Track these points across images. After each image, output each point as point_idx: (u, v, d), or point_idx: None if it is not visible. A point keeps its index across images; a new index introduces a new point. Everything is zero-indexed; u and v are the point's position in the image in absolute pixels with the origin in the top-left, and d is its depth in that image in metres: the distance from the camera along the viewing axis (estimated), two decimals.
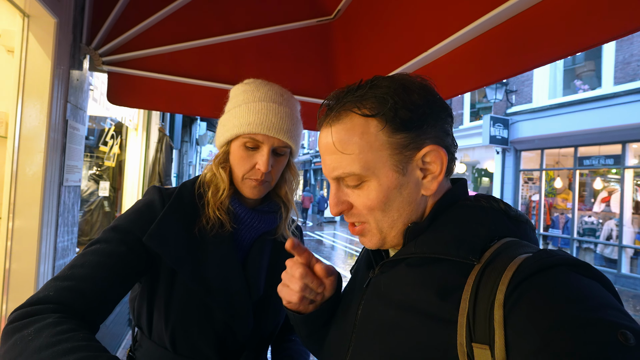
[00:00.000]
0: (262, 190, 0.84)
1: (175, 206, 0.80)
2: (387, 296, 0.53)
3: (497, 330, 0.39)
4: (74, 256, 1.66)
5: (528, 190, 9.42)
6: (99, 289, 0.66)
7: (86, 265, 0.66)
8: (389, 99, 0.51)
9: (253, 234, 0.87)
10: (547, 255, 0.42)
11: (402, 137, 0.51)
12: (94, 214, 3.55)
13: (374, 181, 0.52)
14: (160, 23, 1.60)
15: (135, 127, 3.94)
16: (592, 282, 0.39)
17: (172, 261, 0.75)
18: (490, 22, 0.95)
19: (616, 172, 7.69)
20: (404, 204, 0.53)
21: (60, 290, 0.62)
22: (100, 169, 3.59)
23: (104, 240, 0.72)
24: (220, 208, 0.81)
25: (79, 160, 1.62)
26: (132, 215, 0.77)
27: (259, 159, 0.79)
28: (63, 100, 1.45)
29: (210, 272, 0.78)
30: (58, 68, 1.38)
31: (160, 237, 0.74)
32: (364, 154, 0.52)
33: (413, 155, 0.52)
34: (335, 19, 1.83)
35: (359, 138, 0.52)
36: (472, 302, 0.43)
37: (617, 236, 7.40)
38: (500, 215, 0.52)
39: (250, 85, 0.84)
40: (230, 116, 0.82)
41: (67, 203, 1.55)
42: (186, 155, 8.75)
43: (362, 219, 0.56)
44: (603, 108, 7.27)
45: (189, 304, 0.76)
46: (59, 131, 1.43)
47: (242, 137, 0.79)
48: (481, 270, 0.45)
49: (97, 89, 2.72)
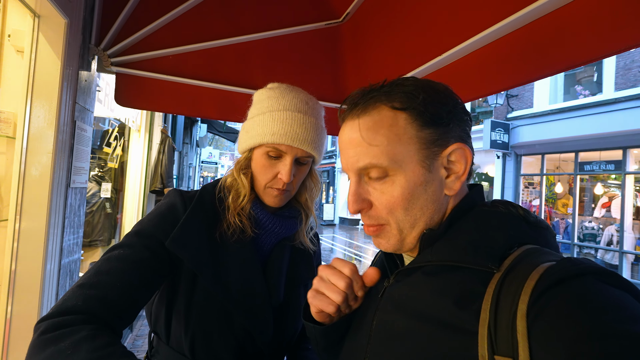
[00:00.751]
0: (284, 199, 0.83)
1: (197, 210, 0.79)
2: (403, 306, 0.51)
3: (520, 342, 0.38)
4: (79, 256, 1.65)
5: (528, 195, 9.43)
6: (126, 297, 0.65)
7: (112, 273, 0.66)
8: (419, 94, 0.51)
9: (273, 239, 0.86)
10: (571, 264, 0.40)
11: (430, 132, 0.51)
12: (95, 215, 3.54)
13: (400, 175, 0.51)
14: (169, 25, 1.59)
15: (138, 129, 3.93)
16: (622, 293, 0.37)
17: (194, 265, 0.74)
18: (503, 29, 0.95)
19: (616, 178, 7.71)
20: (427, 202, 0.52)
21: (89, 300, 0.61)
22: (102, 171, 3.57)
23: (128, 245, 0.71)
24: (241, 214, 0.80)
25: (85, 162, 1.61)
26: (155, 219, 0.76)
27: (282, 169, 0.79)
28: (71, 101, 1.44)
29: (231, 276, 0.77)
30: (67, 69, 1.38)
31: (183, 241, 0.73)
32: (392, 146, 0.50)
33: (439, 152, 0.51)
34: (343, 22, 1.83)
35: (388, 130, 0.51)
36: (492, 312, 0.41)
37: (617, 242, 7.41)
38: (519, 222, 0.50)
39: (275, 92, 0.83)
40: (254, 123, 0.81)
41: (74, 205, 1.54)
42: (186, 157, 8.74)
43: (380, 221, 0.54)
44: (604, 114, 7.30)
45: (209, 309, 0.75)
46: (67, 132, 1.42)
47: (266, 146, 0.79)
48: (501, 279, 0.43)
49: (102, 90, 2.72)
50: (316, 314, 0.60)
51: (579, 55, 0.78)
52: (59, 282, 1.45)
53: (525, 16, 0.89)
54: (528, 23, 0.92)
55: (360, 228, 16.66)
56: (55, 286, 1.42)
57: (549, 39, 0.87)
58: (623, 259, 7.24)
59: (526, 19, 0.90)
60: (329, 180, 20.39)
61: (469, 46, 1.08)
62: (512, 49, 0.97)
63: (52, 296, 1.41)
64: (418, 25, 1.32)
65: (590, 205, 8.32)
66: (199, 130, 10.35)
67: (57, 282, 1.43)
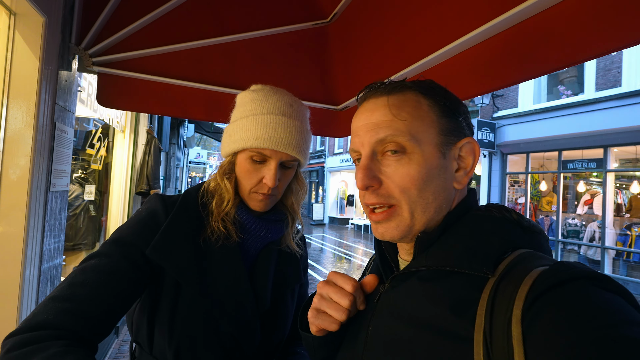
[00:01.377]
0: (269, 203, 0.82)
1: (180, 216, 0.77)
2: (399, 312, 0.51)
3: (516, 348, 0.38)
4: (60, 261, 1.60)
5: (514, 193, 9.61)
6: (102, 310, 0.62)
7: (87, 284, 0.63)
8: (438, 87, 0.55)
9: (260, 244, 0.85)
10: (565, 268, 0.40)
11: (448, 121, 0.54)
12: (79, 218, 3.44)
13: (418, 154, 0.51)
14: (153, 24, 1.56)
15: (122, 129, 3.85)
16: (615, 297, 0.38)
17: (178, 274, 0.72)
18: (489, 31, 0.96)
19: (598, 176, 7.92)
20: (440, 188, 0.52)
21: (62, 314, 0.59)
22: (85, 172, 3.48)
23: (105, 254, 0.68)
24: (226, 219, 0.79)
25: (66, 165, 1.56)
26: (135, 227, 0.74)
27: (267, 174, 0.77)
28: (51, 102, 1.39)
29: (217, 283, 0.75)
30: (46, 68, 1.33)
31: (165, 249, 0.71)
32: (416, 123, 0.52)
33: (454, 142, 0.54)
34: (331, 22, 1.82)
35: (413, 109, 0.53)
36: (488, 317, 0.41)
37: (599, 238, 7.62)
38: (514, 226, 0.50)
39: (259, 94, 0.81)
40: (237, 127, 0.79)
41: (54, 209, 1.49)
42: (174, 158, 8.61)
43: (390, 201, 0.52)
44: (585, 113, 7.49)
45: (194, 318, 0.73)
46: (46, 134, 1.37)
47: (249, 150, 0.77)
48: (496, 284, 0.43)
49: (84, 90, 2.64)
50: (317, 331, 0.58)
51: (564, 57, 0.79)
52: (39, 288, 1.40)
53: (512, 18, 0.89)
54: (514, 25, 0.92)
55: (350, 227, 16.71)
56: (35, 293, 1.37)
57: (535, 41, 0.88)
58: (605, 254, 7.45)
59: (512, 20, 0.91)
60: (318, 179, 20.39)
61: (456, 47, 1.08)
62: (498, 50, 0.98)
63: (32, 303, 1.36)
64: (406, 26, 1.32)
65: (574, 203, 8.53)
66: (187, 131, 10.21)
67: (37, 289, 1.38)
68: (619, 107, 6.94)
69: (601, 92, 7.31)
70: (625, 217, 7.50)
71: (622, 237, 7.43)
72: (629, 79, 6.88)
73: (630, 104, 6.78)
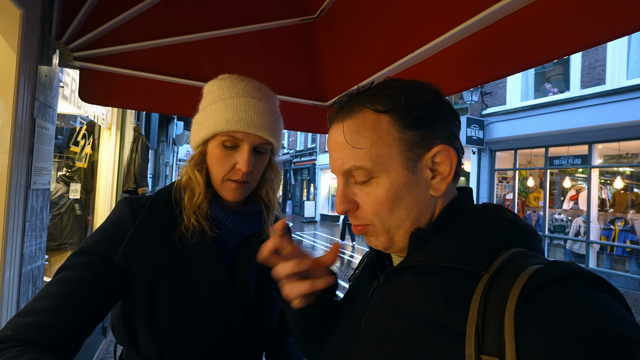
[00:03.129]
0: (243, 192, 0.79)
1: (149, 217, 0.75)
2: (393, 306, 0.52)
3: (507, 342, 0.38)
4: (42, 262, 1.56)
5: (502, 189, 9.75)
6: (65, 319, 0.62)
7: (49, 297, 0.63)
8: (402, 96, 0.52)
9: (238, 238, 0.83)
10: (559, 267, 0.41)
11: (413, 134, 0.51)
12: (64, 217, 3.37)
13: (384, 177, 0.52)
14: (137, 17, 1.52)
15: (108, 127, 3.78)
16: (607, 296, 0.39)
17: (150, 276, 0.70)
18: (478, 24, 0.96)
19: (583, 172, 8.09)
20: (412, 203, 0.52)
21: (19, 328, 0.59)
22: (70, 170, 3.41)
23: (70, 266, 0.68)
24: (198, 213, 0.77)
25: (48, 162, 1.52)
26: (99, 235, 0.73)
27: (239, 159, 0.75)
28: (30, 98, 1.35)
29: (195, 280, 0.74)
30: (24, 63, 1.29)
31: (134, 253, 0.70)
32: (375, 149, 0.51)
33: (423, 154, 0.52)
34: (319, 18, 1.81)
35: (371, 133, 0.52)
36: (481, 312, 0.42)
37: (584, 232, 7.79)
38: (509, 225, 0.51)
39: (226, 81, 0.79)
40: (206, 114, 0.77)
41: (35, 207, 1.45)
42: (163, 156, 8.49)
43: (365, 222, 0.55)
44: (571, 110, 7.63)
45: (174, 317, 0.72)
46: (25, 131, 1.33)
47: (220, 135, 0.75)
48: (490, 280, 0.44)
49: (67, 86, 2.58)
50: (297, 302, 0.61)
51: (547, 51, 0.79)
52: (19, 290, 1.36)
53: (496, 12, 0.90)
54: (500, 19, 0.93)
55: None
56: (15, 295, 1.34)
57: (519, 35, 0.88)
58: (589, 248, 7.62)
59: (497, 15, 0.91)
60: (309, 177, 20.37)
61: (442, 42, 1.08)
62: (484, 45, 0.98)
63: (12, 306, 1.32)
64: (393, 22, 1.32)
65: (560, 198, 8.70)
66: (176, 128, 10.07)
67: (17, 291, 1.35)
68: (603, 105, 7.10)
69: (586, 90, 7.46)
70: (609, 212, 7.68)
71: (605, 232, 7.61)
72: (613, 76, 7.03)
73: (613, 101, 6.93)
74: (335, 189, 14.89)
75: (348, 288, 0.72)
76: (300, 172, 22.22)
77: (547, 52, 0.80)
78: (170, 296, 0.72)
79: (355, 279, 0.72)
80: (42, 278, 1.57)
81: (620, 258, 7.37)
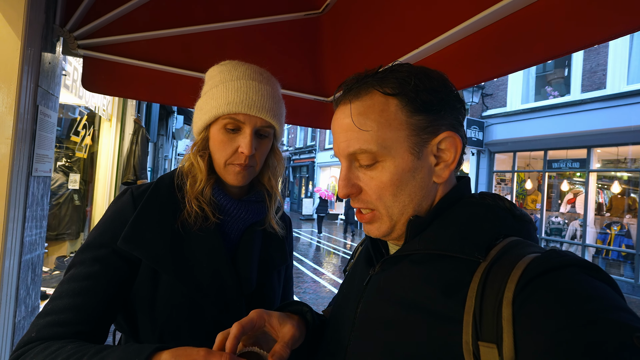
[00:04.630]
0: (247, 176, 0.79)
1: (151, 203, 0.75)
2: (390, 294, 0.52)
3: (505, 329, 0.39)
4: (42, 250, 1.57)
5: (500, 190, 9.78)
6: (84, 315, 0.64)
7: (64, 295, 0.65)
8: (411, 80, 0.51)
9: (241, 226, 0.83)
10: (557, 255, 0.41)
11: (420, 118, 0.51)
12: (62, 207, 3.37)
13: (389, 161, 0.51)
14: (142, 7, 1.52)
15: (109, 118, 3.77)
16: (603, 284, 0.39)
17: (153, 261, 0.71)
18: (484, 20, 0.96)
19: (581, 175, 8.12)
20: (416, 188, 0.52)
21: (43, 329, 0.61)
22: (70, 161, 3.40)
23: (79, 262, 0.69)
24: (200, 199, 0.76)
25: (49, 149, 1.52)
26: (102, 227, 0.73)
27: (242, 142, 0.74)
28: (33, 85, 1.35)
29: (197, 267, 0.74)
30: (28, 50, 1.29)
31: (136, 238, 0.71)
32: (382, 132, 0.51)
33: (429, 140, 0.52)
34: (323, 13, 1.81)
35: (378, 115, 0.51)
36: (478, 299, 0.42)
37: (580, 236, 7.83)
38: (506, 214, 0.52)
39: (227, 66, 0.79)
40: (208, 98, 0.77)
41: (36, 195, 1.45)
42: (162, 149, 8.47)
43: (370, 206, 0.54)
44: (571, 114, 7.64)
45: (176, 304, 0.72)
46: (28, 118, 1.33)
47: (222, 118, 0.75)
48: (487, 268, 0.44)
49: (69, 75, 2.57)
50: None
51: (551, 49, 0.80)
52: (19, 278, 1.36)
53: (501, 10, 0.90)
54: (504, 17, 0.93)
55: (339, 222, 16.77)
56: (14, 284, 1.34)
57: (525, 32, 0.89)
58: (585, 252, 7.66)
59: (502, 12, 0.92)
60: (308, 174, 20.36)
61: (446, 39, 1.09)
62: (488, 42, 0.99)
63: (12, 295, 1.33)
64: (397, 19, 1.32)
65: (557, 201, 8.73)
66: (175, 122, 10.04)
67: (16, 280, 1.35)
68: (603, 109, 7.11)
69: (586, 94, 7.47)
70: (605, 216, 7.72)
71: (602, 236, 7.65)
72: (613, 81, 7.04)
73: (613, 105, 6.95)
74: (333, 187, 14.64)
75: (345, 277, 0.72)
76: (299, 169, 22.21)
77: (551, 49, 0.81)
78: (172, 282, 0.72)
79: (351, 268, 0.72)
80: (41, 266, 1.57)
81: (616, 262, 7.41)
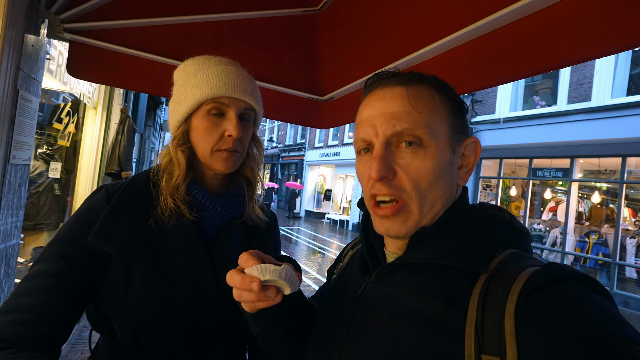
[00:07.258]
0: (235, 161, 0.78)
1: (124, 198, 0.74)
2: (387, 304, 0.51)
3: (508, 341, 0.39)
4: (17, 241, 1.50)
5: (486, 196, 9.95)
6: (47, 315, 0.61)
7: (27, 293, 0.62)
8: (446, 84, 0.54)
9: (219, 221, 0.81)
10: (557, 269, 0.42)
11: (458, 119, 0.54)
12: (41, 196, 3.25)
13: (433, 148, 0.51)
14: None
15: (94, 106, 3.65)
16: (602, 298, 0.40)
17: (125, 257, 0.69)
18: (484, 27, 0.96)
19: (563, 184, 8.34)
20: (448, 184, 0.53)
21: (4, 327, 0.59)
22: (51, 149, 3.28)
23: (46, 258, 0.66)
24: (175, 196, 0.74)
25: (29, 136, 1.45)
26: (73, 223, 0.71)
27: (228, 125, 0.74)
28: (14, 67, 1.28)
29: (170, 262, 0.72)
30: (9, 30, 1.22)
31: (108, 234, 0.68)
32: (432, 116, 0.51)
33: (462, 140, 0.54)
34: (321, 10, 1.78)
35: (429, 102, 0.52)
36: (480, 311, 0.42)
37: (560, 243, 8.04)
38: (506, 226, 0.52)
39: (199, 58, 0.80)
40: (186, 88, 0.76)
41: (13, 183, 1.38)
42: (149, 140, 8.30)
43: (401, 194, 0.51)
44: (556, 124, 7.83)
45: (149, 299, 0.70)
46: (7, 102, 1.26)
47: (205, 104, 0.74)
48: (488, 280, 0.44)
49: (53, 59, 2.47)
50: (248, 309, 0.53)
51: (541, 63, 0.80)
52: None
53: (501, 18, 0.90)
54: (503, 26, 0.93)
55: (326, 221, 16.79)
56: None
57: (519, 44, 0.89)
58: (565, 259, 7.87)
59: (501, 21, 0.92)
60: (297, 172, 20.31)
61: (445, 44, 1.08)
62: (486, 50, 0.98)
63: None
64: (396, 21, 1.31)
65: (540, 209, 8.94)
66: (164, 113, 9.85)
67: None
68: (587, 121, 7.31)
69: (572, 105, 7.66)
70: (585, 224, 7.95)
71: (580, 244, 7.88)
72: (598, 94, 7.25)
73: (597, 118, 7.15)
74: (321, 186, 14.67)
75: (333, 282, 0.70)
76: (287, 166, 22.12)
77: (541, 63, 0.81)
78: (146, 278, 0.70)
79: (341, 272, 0.70)
80: (16, 257, 1.51)
81: (593, 270, 7.64)
